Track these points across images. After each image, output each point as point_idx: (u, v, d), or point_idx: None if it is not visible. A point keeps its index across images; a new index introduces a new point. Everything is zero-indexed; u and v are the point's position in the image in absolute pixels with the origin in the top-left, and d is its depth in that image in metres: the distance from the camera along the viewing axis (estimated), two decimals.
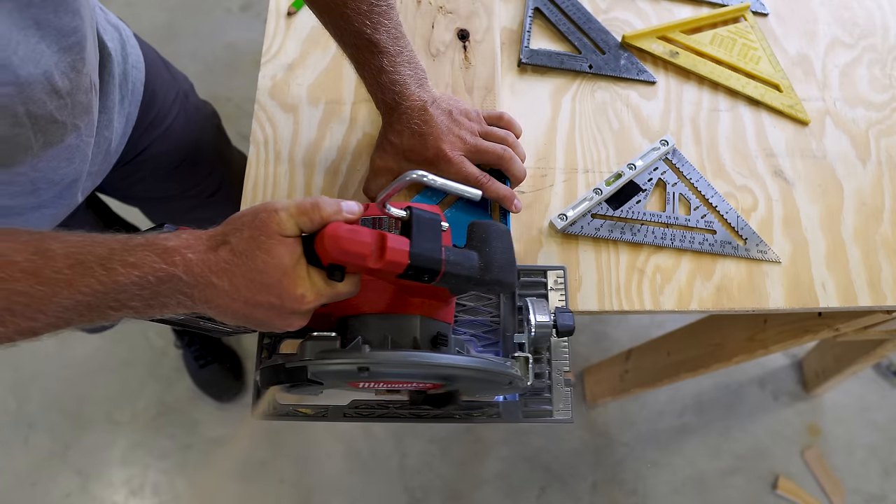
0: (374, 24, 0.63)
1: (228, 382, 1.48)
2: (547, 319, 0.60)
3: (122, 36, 0.75)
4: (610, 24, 0.87)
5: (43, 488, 1.41)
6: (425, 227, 0.50)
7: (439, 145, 0.65)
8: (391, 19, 0.65)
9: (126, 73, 0.74)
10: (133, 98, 0.76)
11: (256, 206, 0.50)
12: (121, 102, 0.73)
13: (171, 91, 0.84)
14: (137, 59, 0.77)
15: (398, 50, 0.65)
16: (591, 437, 1.48)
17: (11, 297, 0.42)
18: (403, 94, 0.66)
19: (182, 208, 0.99)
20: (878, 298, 0.73)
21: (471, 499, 1.42)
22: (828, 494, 1.43)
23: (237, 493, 1.41)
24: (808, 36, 0.89)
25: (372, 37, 0.63)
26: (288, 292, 0.48)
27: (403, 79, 0.66)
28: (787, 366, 1.56)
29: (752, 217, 0.76)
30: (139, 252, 0.46)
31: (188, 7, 1.90)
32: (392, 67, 0.65)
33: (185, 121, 0.87)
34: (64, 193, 0.67)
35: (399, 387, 0.55)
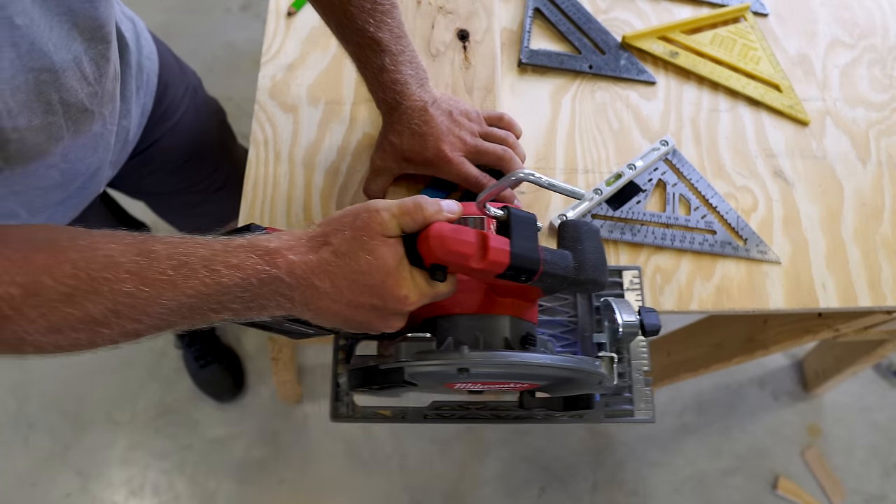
0: (376, 22, 0.63)
1: (228, 383, 1.47)
2: (634, 319, 0.60)
3: (137, 28, 0.76)
4: (610, 25, 0.87)
5: (43, 488, 1.41)
6: (523, 226, 0.49)
7: (439, 146, 0.65)
8: (394, 18, 0.64)
9: (141, 64, 0.75)
10: (148, 89, 0.77)
11: (356, 207, 0.50)
12: (137, 93, 0.74)
13: (182, 85, 0.86)
14: (151, 50, 0.78)
15: (400, 49, 0.65)
16: (591, 437, 1.48)
17: (117, 299, 0.42)
18: (404, 93, 0.65)
19: (190, 202, 0.99)
20: (878, 299, 0.73)
21: (471, 499, 1.42)
22: (828, 494, 1.43)
23: (237, 493, 1.41)
24: (808, 36, 0.89)
25: (374, 35, 0.63)
26: (391, 293, 0.47)
27: (405, 78, 0.65)
28: (787, 366, 1.56)
29: (752, 217, 0.76)
30: (241, 253, 0.45)
31: (187, 7, 1.90)
32: (393, 67, 0.64)
33: (195, 115, 0.88)
34: (87, 184, 0.68)
35: (492, 387, 0.55)
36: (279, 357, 1.11)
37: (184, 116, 0.86)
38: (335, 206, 0.74)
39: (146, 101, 0.78)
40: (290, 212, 0.74)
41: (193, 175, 0.95)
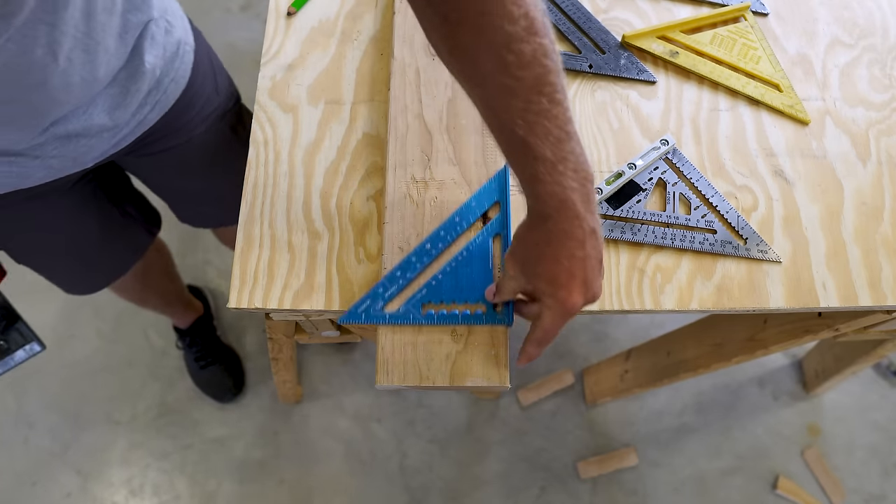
0: (528, 124, 0.51)
1: (228, 383, 1.47)
2: None
3: (181, 50, 0.77)
4: (610, 24, 0.87)
5: (43, 488, 1.41)
6: None
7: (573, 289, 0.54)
8: (554, 118, 0.51)
9: (160, 81, 0.75)
10: (157, 106, 0.77)
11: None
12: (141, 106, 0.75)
13: (209, 107, 0.86)
14: (182, 75, 0.79)
15: (561, 157, 0.51)
16: (591, 437, 1.48)
17: None
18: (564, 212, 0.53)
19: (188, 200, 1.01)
20: (878, 298, 0.73)
21: (471, 499, 1.42)
22: (828, 494, 1.43)
23: (237, 493, 1.41)
24: (808, 36, 0.89)
25: (526, 139, 0.51)
26: None
27: (565, 193, 0.52)
28: (787, 366, 1.56)
29: (752, 217, 0.76)
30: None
31: (187, 7, 1.89)
32: (550, 177, 0.52)
33: (212, 137, 0.88)
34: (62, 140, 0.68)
35: None
36: (279, 357, 1.11)
37: (199, 137, 0.86)
38: (335, 206, 0.74)
39: (149, 116, 0.77)
40: (290, 212, 0.74)
41: (196, 183, 0.96)
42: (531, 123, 0.50)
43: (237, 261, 0.71)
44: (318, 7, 0.87)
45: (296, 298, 0.70)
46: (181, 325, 1.47)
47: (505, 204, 0.71)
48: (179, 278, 1.39)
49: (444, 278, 0.68)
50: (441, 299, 0.67)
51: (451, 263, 0.68)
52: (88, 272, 1.01)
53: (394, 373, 0.65)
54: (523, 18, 0.49)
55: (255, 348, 1.55)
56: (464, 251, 0.69)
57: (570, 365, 1.54)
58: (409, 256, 0.68)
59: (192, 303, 1.47)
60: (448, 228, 0.70)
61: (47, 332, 1.53)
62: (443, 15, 0.51)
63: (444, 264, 0.68)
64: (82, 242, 0.94)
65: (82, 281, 1.02)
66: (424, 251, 0.69)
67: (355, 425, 1.47)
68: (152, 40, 0.71)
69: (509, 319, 0.66)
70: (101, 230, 0.94)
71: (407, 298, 0.67)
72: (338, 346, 1.53)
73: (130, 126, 0.76)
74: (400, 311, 0.67)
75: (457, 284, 0.67)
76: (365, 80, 0.82)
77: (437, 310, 0.67)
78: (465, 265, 0.68)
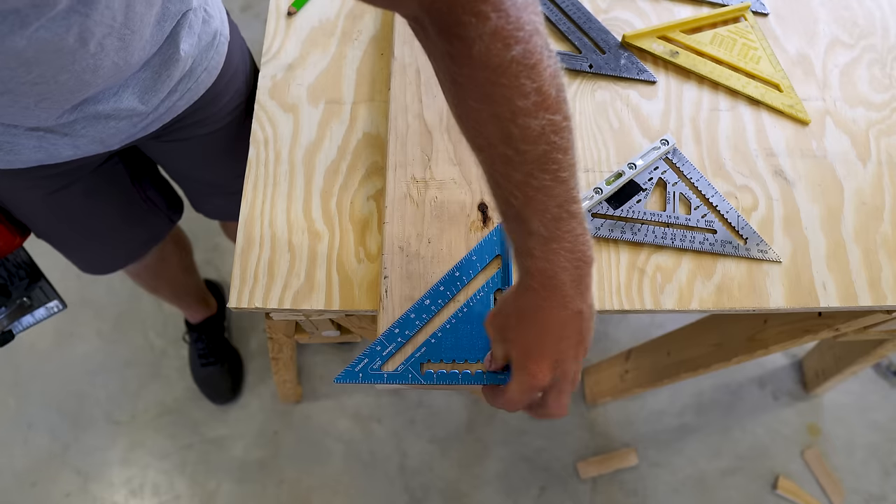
0: (526, 197, 0.49)
1: (225, 386, 1.47)
2: None
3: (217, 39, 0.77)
4: (610, 24, 0.87)
5: (43, 488, 1.41)
6: None
7: (542, 365, 0.53)
8: (555, 196, 0.49)
9: (193, 70, 0.75)
10: (187, 95, 0.77)
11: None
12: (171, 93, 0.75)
13: (236, 100, 0.86)
14: (215, 65, 0.79)
15: (556, 235, 0.50)
16: (591, 437, 1.48)
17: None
18: (552, 292, 0.52)
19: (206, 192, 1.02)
20: (878, 298, 0.73)
21: (471, 499, 1.42)
22: (828, 494, 1.43)
23: (237, 493, 1.41)
24: (808, 36, 0.89)
25: (521, 212, 0.50)
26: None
27: (554, 271, 0.51)
28: (787, 366, 1.56)
29: (752, 216, 0.76)
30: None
31: None
32: (541, 253, 0.50)
33: (235, 130, 0.89)
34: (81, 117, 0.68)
35: None
36: (279, 357, 1.11)
37: (223, 129, 0.87)
38: (335, 205, 0.74)
39: (178, 103, 0.77)
40: (290, 211, 0.74)
41: (215, 174, 0.97)
42: (529, 198, 0.49)
43: (237, 260, 0.71)
44: (319, 7, 0.87)
45: (296, 298, 0.70)
46: (192, 319, 1.48)
47: (506, 258, 0.69)
48: (196, 274, 1.39)
49: (443, 336, 0.65)
50: (440, 358, 0.64)
51: (451, 320, 0.66)
52: (105, 253, 1.01)
53: None
54: (535, 93, 0.47)
55: (257, 348, 1.56)
56: (464, 307, 0.67)
57: None
58: (407, 313, 0.66)
59: (206, 300, 1.47)
60: (448, 283, 0.68)
61: (48, 332, 1.53)
62: (452, 77, 0.49)
63: (444, 321, 0.66)
64: (103, 223, 0.94)
65: (98, 261, 1.02)
66: (424, 307, 0.66)
67: (355, 425, 1.47)
68: (189, 29, 0.71)
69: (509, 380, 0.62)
70: (122, 213, 0.95)
71: (406, 357, 0.65)
72: (338, 345, 1.53)
73: (159, 112, 0.76)
74: (398, 370, 0.64)
75: (456, 343, 0.65)
76: (365, 79, 0.82)
77: (437, 369, 0.64)
78: (465, 322, 0.66)
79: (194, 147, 0.88)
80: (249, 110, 0.89)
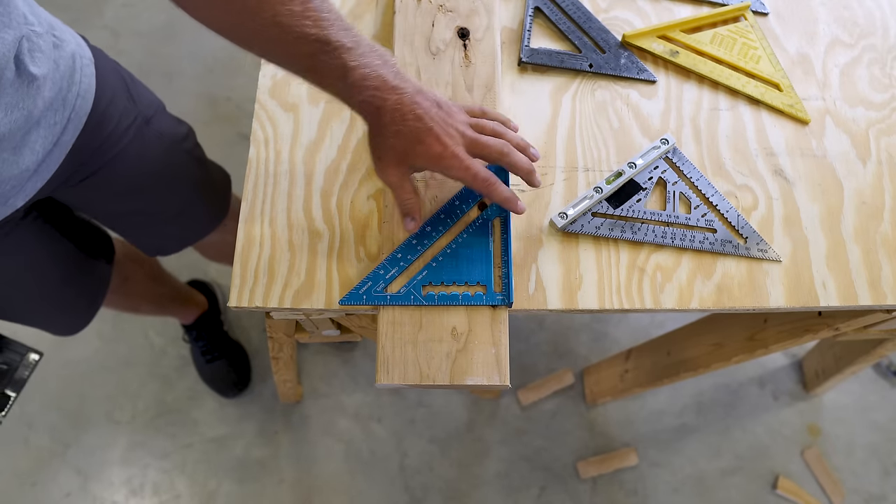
0: (315, 21, 0.56)
1: (233, 379, 1.47)
2: None
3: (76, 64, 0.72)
4: (610, 24, 0.87)
5: (43, 488, 1.41)
6: None
7: (444, 141, 0.60)
8: (330, 11, 0.57)
9: (66, 100, 0.71)
10: (71, 125, 0.73)
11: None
12: (49, 129, 0.71)
13: (128, 117, 0.81)
14: (87, 88, 0.74)
15: (355, 41, 0.57)
16: (591, 436, 1.48)
17: None
18: (384, 87, 0.58)
19: (145, 224, 0.96)
20: (878, 298, 0.73)
21: (471, 499, 1.42)
22: (828, 494, 1.43)
23: (237, 493, 1.41)
24: (808, 35, 0.89)
25: (319, 35, 0.56)
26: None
27: (376, 71, 0.58)
28: (787, 366, 1.56)
29: (752, 216, 0.76)
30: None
31: None
32: (357, 61, 0.57)
33: (140, 146, 0.84)
34: None
35: None
36: (279, 356, 1.11)
37: (127, 147, 0.82)
38: (335, 205, 0.74)
39: (66, 138, 0.73)
40: (291, 210, 0.74)
41: (145, 202, 0.91)
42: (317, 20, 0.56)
43: (237, 260, 0.71)
44: None
45: (296, 297, 0.70)
46: (184, 321, 1.48)
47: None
48: (171, 279, 1.37)
49: (444, 260, 0.69)
50: (441, 280, 0.68)
51: (451, 246, 0.70)
52: (64, 314, 0.98)
53: (394, 371, 0.65)
54: None
55: (259, 345, 1.56)
56: (463, 234, 0.70)
57: (570, 365, 1.54)
58: (409, 239, 0.70)
59: (192, 299, 1.46)
60: (447, 212, 0.71)
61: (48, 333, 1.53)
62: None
63: (444, 247, 0.70)
64: (47, 284, 0.90)
65: (62, 323, 1.00)
66: (425, 234, 0.70)
67: (355, 425, 1.47)
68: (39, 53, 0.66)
69: (509, 300, 0.67)
70: (60, 267, 0.91)
71: (408, 280, 0.68)
72: (338, 345, 1.53)
73: (46, 150, 0.72)
74: (401, 292, 0.68)
75: (456, 266, 0.69)
76: None
77: (438, 291, 0.68)
78: (464, 247, 0.70)
79: (109, 178, 0.83)
80: (150, 121, 0.85)
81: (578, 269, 0.72)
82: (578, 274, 0.71)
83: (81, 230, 0.96)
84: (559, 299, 0.70)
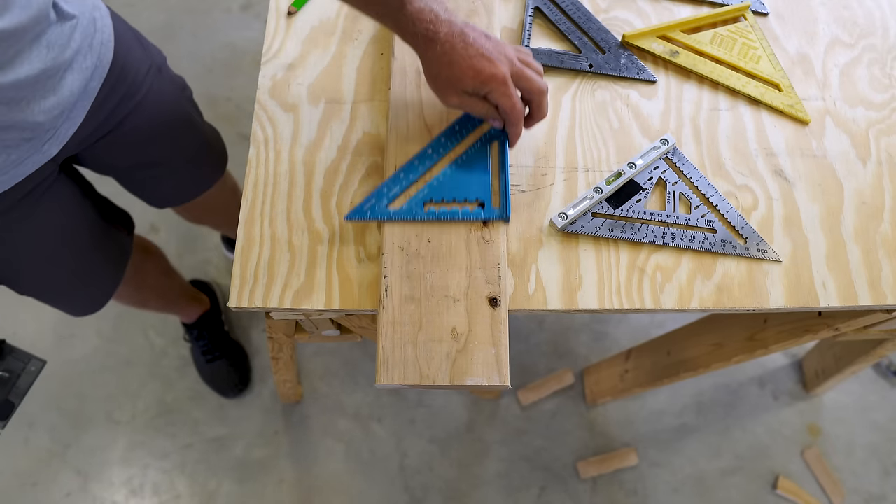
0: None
1: (234, 379, 1.48)
2: None
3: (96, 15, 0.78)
4: (610, 24, 0.87)
5: (43, 488, 1.41)
6: None
7: (495, 64, 0.65)
8: None
9: (92, 46, 0.76)
10: (97, 72, 0.78)
11: None
12: (82, 71, 0.76)
13: (145, 64, 0.87)
14: (108, 37, 0.80)
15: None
16: (591, 436, 1.48)
17: None
18: (436, 21, 0.65)
19: (159, 175, 1.01)
20: (878, 298, 0.73)
21: (471, 499, 1.42)
22: (828, 494, 1.43)
23: (237, 493, 1.41)
24: (808, 35, 0.89)
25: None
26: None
27: (430, 6, 0.65)
28: (787, 366, 1.56)
29: (752, 216, 0.76)
30: None
31: (187, 7, 1.90)
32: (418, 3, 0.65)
33: (158, 93, 0.90)
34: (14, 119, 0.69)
35: None
36: (279, 357, 1.11)
37: (147, 95, 0.88)
38: (335, 205, 0.74)
39: (93, 84, 0.78)
40: (291, 211, 0.74)
41: (163, 149, 0.96)
42: None
43: (237, 260, 0.71)
44: (319, 6, 0.87)
45: (296, 297, 0.70)
46: (186, 320, 1.48)
47: None
48: (178, 275, 1.39)
49: (444, 179, 0.73)
50: (442, 198, 0.72)
51: (452, 166, 0.74)
52: (89, 285, 1.00)
53: (394, 372, 0.65)
54: None
55: (259, 345, 1.56)
56: (463, 155, 0.74)
57: (570, 365, 1.54)
58: (412, 160, 0.73)
59: (196, 298, 1.47)
60: (448, 135, 0.75)
61: (47, 333, 1.53)
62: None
63: (445, 167, 0.74)
64: (78, 244, 0.93)
65: (84, 297, 1.02)
66: (427, 155, 0.74)
67: (355, 425, 1.47)
68: None
69: (506, 214, 0.71)
70: (89, 232, 0.94)
71: (410, 197, 0.72)
72: (338, 345, 1.53)
73: (77, 94, 0.76)
74: (403, 208, 0.71)
75: (456, 185, 0.73)
76: (365, 79, 0.82)
77: (438, 207, 0.71)
78: (464, 167, 0.74)
79: (133, 127, 0.88)
80: (161, 70, 0.91)
81: (578, 270, 0.72)
82: (578, 274, 0.71)
83: (102, 201, 1.01)
84: (559, 299, 0.70)
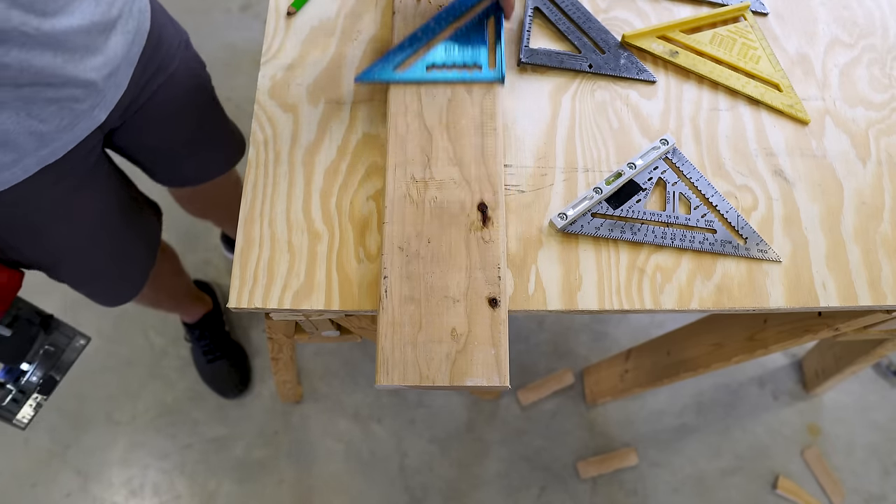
0: None
1: (235, 379, 1.48)
2: None
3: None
4: (610, 24, 0.87)
5: (43, 488, 1.41)
6: None
7: None
8: None
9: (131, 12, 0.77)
10: (137, 39, 0.80)
11: None
12: (124, 34, 0.76)
13: (176, 38, 0.89)
14: (144, 5, 0.81)
15: None
16: (591, 436, 1.48)
17: None
18: None
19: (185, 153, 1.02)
20: (878, 298, 0.73)
21: (471, 499, 1.42)
22: (828, 494, 1.43)
23: (237, 493, 1.41)
24: (808, 35, 0.89)
25: None
26: None
27: None
28: (787, 366, 1.56)
29: (752, 216, 0.76)
30: None
31: (187, 7, 1.90)
32: None
33: (187, 68, 0.92)
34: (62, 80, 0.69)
35: None
36: (279, 357, 1.11)
37: (179, 67, 0.90)
38: (335, 206, 0.74)
39: (135, 49, 0.79)
40: (290, 211, 0.74)
41: (189, 123, 0.98)
42: None
43: (237, 261, 0.71)
44: (318, 7, 0.87)
45: (296, 298, 0.70)
46: (189, 320, 1.48)
47: None
48: (186, 275, 1.39)
49: (446, 46, 0.81)
50: (443, 62, 0.79)
51: (452, 37, 0.81)
52: (123, 269, 1.01)
53: (394, 372, 0.65)
54: None
55: (259, 345, 1.56)
56: (463, 28, 0.81)
57: (570, 365, 1.54)
58: (415, 31, 0.80)
59: (200, 298, 1.47)
60: (449, 11, 0.82)
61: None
62: None
63: (446, 38, 0.81)
64: (112, 230, 0.94)
65: (120, 282, 1.02)
66: (429, 28, 0.81)
67: (355, 425, 1.47)
68: None
69: (501, 74, 0.78)
70: (125, 215, 0.95)
71: (414, 62, 0.79)
72: (337, 346, 1.53)
73: (121, 57, 0.76)
74: (407, 72, 0.78)
75: (456, 51, 0.80)
76: None
77: (440, 70, 0.78)
78: (464, 36, 0.81)
79: (164, 101, 0.89)
80: (188, 45, 0.93)
81: (578, 270, 0.72)
82: (578, 274, 0.71)
83: (132, 186, 1.02)
84: (559, 300, 0.70)
